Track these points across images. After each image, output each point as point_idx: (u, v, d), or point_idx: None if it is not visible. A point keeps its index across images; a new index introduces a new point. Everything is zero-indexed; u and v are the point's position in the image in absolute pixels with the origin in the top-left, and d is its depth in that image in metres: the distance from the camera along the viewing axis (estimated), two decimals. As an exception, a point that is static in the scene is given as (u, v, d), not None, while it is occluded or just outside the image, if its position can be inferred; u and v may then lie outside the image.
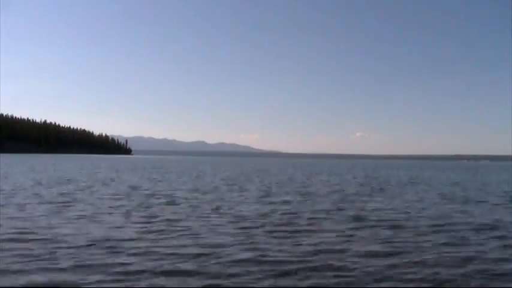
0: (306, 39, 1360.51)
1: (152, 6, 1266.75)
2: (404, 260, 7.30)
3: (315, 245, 8.42)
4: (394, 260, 7.31)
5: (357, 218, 12.08)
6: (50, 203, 14.55)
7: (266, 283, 5.97)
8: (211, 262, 6.96)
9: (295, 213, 13.03)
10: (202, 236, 9.21)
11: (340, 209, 14.14)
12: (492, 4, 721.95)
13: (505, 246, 8.67)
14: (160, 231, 9.60)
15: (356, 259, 7.32)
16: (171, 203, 15.29)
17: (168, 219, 11.33)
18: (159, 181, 27.39)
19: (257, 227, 10.34)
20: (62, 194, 17.48)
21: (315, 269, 6.72)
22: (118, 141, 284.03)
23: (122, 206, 14.15)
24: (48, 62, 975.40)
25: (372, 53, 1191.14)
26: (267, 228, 10.27)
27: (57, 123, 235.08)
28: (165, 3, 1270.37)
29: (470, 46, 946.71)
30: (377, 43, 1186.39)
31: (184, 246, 8.14)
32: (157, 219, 11.45)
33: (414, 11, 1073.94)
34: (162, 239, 8.78)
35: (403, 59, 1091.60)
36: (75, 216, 11.59)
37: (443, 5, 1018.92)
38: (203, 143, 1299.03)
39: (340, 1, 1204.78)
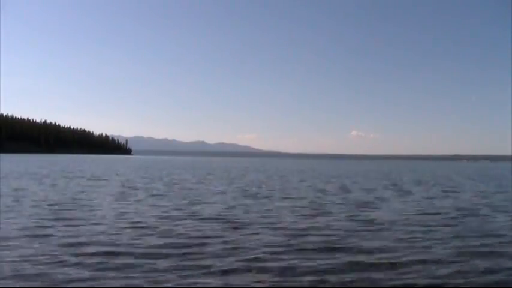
0: (305, 39, 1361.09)
1: (152, 6, 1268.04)
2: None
3: None
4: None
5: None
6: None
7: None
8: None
9: None
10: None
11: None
12: (493, 4, 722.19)
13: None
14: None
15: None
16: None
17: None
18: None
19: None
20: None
21: None
22: (118, 141, 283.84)
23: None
24: (48, 62, 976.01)
25: (372, 53, 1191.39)
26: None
27: (57, 123, 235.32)
28: (164, 3, 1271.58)
29: (471, 46, 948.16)
30: (376, 43, 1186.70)
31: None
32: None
33: (414, 9, 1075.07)
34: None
35: (403, 58, 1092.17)
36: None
37: (444, 4, 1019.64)
38: (203, 143, 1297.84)
39: (337, 1, 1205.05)
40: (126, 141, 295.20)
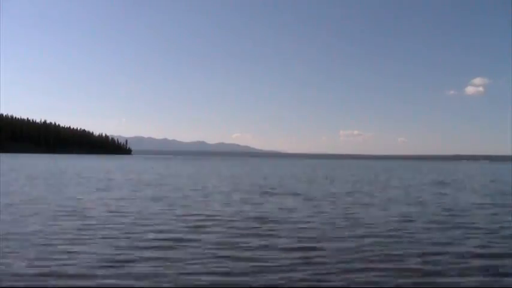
0: (305, 38, 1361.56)
1: (151, 5, 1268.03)
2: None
3: None
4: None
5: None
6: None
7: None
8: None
9: None
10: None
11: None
12: (492, 4, 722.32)
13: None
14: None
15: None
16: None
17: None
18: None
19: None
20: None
21: None
22: (118, 141, 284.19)
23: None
24: (48, 62, 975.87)
25: (372, 53, 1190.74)
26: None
27: (57, 123, 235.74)
28: (164, 2, 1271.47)
29: (471, 45, 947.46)
30: (375, 43, 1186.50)
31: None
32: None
33: (411, 8, 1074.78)
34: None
35: (401, 57, 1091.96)
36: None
37: (442, 3, 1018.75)
38: (203, 143, 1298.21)
39: (331, 4, 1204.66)
40: (126, 141, 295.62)
